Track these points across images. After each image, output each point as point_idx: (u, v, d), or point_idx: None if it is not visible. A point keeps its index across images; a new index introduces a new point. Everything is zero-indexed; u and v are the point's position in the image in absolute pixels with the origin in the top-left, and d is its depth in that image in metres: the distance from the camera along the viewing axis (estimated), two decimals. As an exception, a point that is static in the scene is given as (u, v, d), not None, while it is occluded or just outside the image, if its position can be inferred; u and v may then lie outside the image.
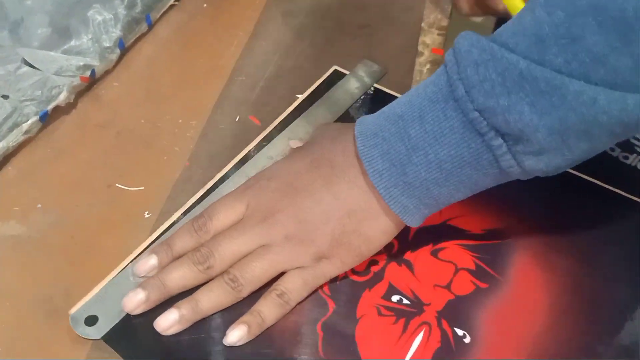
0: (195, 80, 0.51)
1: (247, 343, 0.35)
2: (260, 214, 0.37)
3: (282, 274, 0.37)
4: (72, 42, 0.49)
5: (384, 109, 0.36)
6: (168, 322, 0.35)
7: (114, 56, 0.51)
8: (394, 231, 0.37)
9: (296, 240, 0.36)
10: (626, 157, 0.47)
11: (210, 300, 0.36)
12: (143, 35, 0.54)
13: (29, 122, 0.45)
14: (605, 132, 0.31)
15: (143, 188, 0.43)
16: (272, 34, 0.55)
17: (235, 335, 0.35)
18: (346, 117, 0.48)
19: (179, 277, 0.36)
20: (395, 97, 0.37)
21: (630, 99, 0.29)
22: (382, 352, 0.36)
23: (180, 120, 0.48)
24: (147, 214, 0.42)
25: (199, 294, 0.36)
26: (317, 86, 0.50)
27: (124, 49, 0.52)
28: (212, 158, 0.45)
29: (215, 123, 0.48)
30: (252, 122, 0.48)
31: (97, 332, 0.35)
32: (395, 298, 0.38)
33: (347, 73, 0.52)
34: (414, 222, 0.36)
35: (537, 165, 0.32)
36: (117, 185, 0.43)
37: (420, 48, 0.56)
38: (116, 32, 0.50)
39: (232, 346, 0.35)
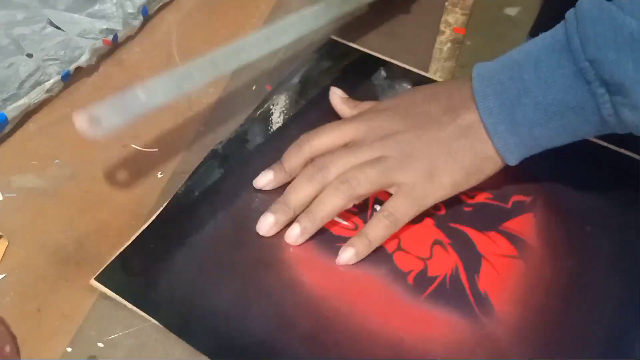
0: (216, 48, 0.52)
1: None
2: (376, 134, 0.40)
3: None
4: (97, 6, 0.50)
5: (502, 57, 0.39)
6: (294, 235, 0.38)
7: (137, 22, 0.52)
8: (499, 163, 0.39)
9: (414, 155, 0.39)
10: None
11: (325, 208, 0.38)
12: (167, 4, 0.55)
13: (51, 81, 0.46)
14: None
15: (157, 149, 0.44)
16: (294, 6, 0.55)
17: (346, 256, 0.38)
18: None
19: (300, 196, 0.39)
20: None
21: None
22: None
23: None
24: (160, 174, 0.43)
25: (314, 206, 0.38)
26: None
27: (147, 16, 0.53)
28: (226, 123, 0.46)
29: (232, 91, 0.49)
30: (268, 92, 0.49)
31: (102, 130, 0.37)
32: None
33: (344, 42, 0.52)
34: (513, 161, 0.39)
35: (632, 118, 0.35)
36: (132, 145, 0.44)
37: (442, 27, 0.56)
38: (140, -1, 0.51)
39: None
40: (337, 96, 0.46)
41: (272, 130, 0.45)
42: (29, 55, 0.46)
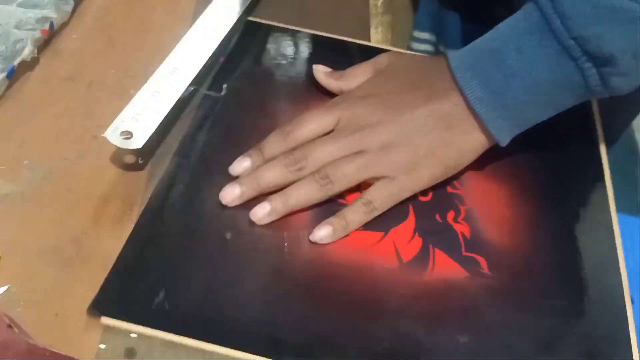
0: (157, 26, 0.51)
1: None
2: (356, 125, 0.40)
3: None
4: (25, -5, 0.46)
5: (475, 44, 0.40)
6: (262, 213, 0.38)
7: (69, 7, 0.49)
8: (482, 149, 0.41)
9: (392, 148, 0.39)
10: None
11: (300, 195, 0.38)
12: (93, -15, 0.52)
13: (-4, 79, 0.43)
14: None
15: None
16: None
17: (322, 233, 0.38)
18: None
19: (272, 177, 0.39)
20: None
21: None
22: None
23: (152, 68, 0.47)
24: (141, 160, 0.42)
25: (290, 190, 0.39)
26: None
27: (78, -1, 0.50)
28: (193, 100, 0.45)
29: (187, 67, 0.48)
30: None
31: (136, 141, 0.39)
32: None
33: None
34: (505, 141, 0.41)
35: (619, 83, 0.38)
36: (102, 135, 0.43)
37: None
38: (67, -18, 0.49)
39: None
40: (320, 73, 0.46)
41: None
42: (-35, 55, 0.42)
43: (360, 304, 0.37)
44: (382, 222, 0.40)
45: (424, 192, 0.42)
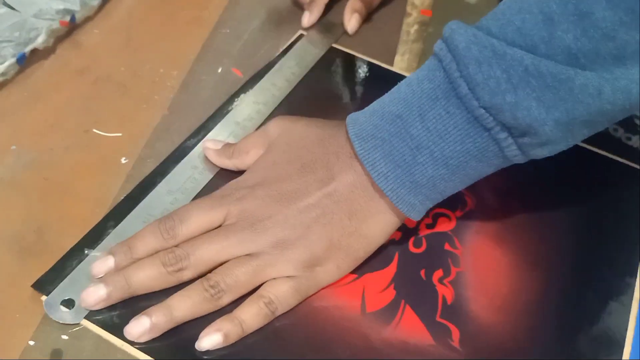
0: (177, 30, 0.50)
1: None
2: (246, 221, 0.34)
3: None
4: (53, -14, 0.48)
5: (375, 107, 0.35)
6: (139, 330, 0.32)
7: (95, 3, 0.50)
8: (393, 229, 0.36)
9: (288, 245, 0.34)
10: (629, 138, 0.47)
11: (185, 307, 0.33)
12: (126, -16, 0.53)
13: (6, 64, 0.44)
14: (608, 118, 0.32)
15: (121, 134, 0.43)
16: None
17: (210, 342, 0.32)
18: (310, 78, 0.47)
19: (146, 277, 0.33)
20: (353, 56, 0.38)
21: (634, 87, 0.30)
22: None
23: (162, 70, 0.47)
24: (124, 159, 0.41)
25: (173, 300, 0.33)
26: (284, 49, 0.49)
27: (106, -4, 0.51)
28: (192, 108, 0.45)
29: (197, 74, 0.47)
30: (234, 75, 0.47)
31: (76, 315, 0.33)
32: None
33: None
34: (419, 217, 0.35)
35: (542, 153, 0.33)
36: (94, 130, 0.43)
37: (408, 9, 0.56)
38: (98, -21, 0.49)
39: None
40: (211, 151, 0.40)
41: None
42: (-19, 37, 0.44)
43: (303, 345, 0.34)
44: (360, 263, 0.37)
45: (416, 244, 0.39)
